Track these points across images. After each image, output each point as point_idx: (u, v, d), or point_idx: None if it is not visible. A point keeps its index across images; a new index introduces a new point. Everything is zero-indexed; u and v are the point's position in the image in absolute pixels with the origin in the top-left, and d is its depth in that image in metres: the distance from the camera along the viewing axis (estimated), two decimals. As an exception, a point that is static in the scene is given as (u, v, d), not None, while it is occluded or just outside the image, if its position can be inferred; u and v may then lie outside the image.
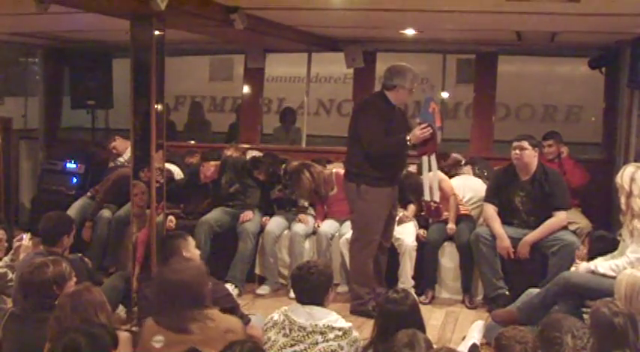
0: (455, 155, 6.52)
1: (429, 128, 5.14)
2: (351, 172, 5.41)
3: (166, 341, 3.23)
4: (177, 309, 3.26)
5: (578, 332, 2.80)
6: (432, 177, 5.40)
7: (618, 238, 4.54)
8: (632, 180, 4.35)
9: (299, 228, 6.09)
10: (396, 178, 5.41)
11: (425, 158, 5.38)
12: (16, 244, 4.82)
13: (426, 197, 5.44)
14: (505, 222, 5.55)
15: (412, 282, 5.74)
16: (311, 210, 6.33)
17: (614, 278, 3.93)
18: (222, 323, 3.27)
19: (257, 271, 6.19)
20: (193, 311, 3.25)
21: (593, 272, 4.38)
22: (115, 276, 5.06)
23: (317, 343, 3.30)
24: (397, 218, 5.73)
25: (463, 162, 5.87)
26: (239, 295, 5.75)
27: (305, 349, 3.31)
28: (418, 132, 5.13)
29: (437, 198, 5.44)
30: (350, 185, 5.38)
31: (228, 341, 2.88)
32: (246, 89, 8.29)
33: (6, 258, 4.77)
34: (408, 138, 5.13)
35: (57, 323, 3.10)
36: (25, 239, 4.78)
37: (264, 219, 6.24)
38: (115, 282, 4.87)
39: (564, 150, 6.39)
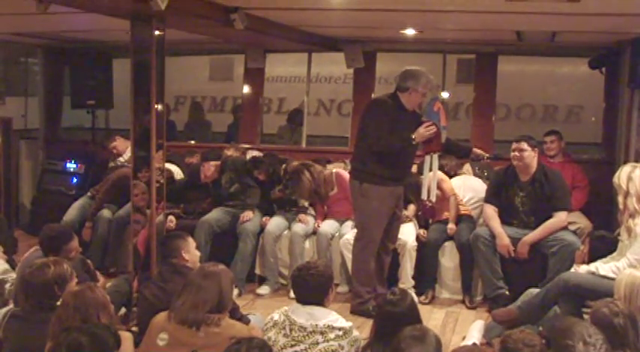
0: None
1: (434, 126, 5.16)
2: (355, 169, 5.42)
3: (170, 341, 3.24)
4: (198, 309, 3.29)
5: (590, 339, 2.73)
6: (432, 177, 5.41)
7: (618, 238, 4.54)
8: (629, 179, 4.37)
9: (299, 228, 6.09)
10: (401, 178, 5.41)
11: (427, 157, 5.40)
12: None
13: (423, 195, 5.46)
14: (505, 222, 5.55)
15: (412, 282, 5.75)
16: (311, 210, 6.33)
17: (614, 279, 3.93)
18: (228, 330, 3.28)
19: (257, 271, 6.19)
20: (209, 314, 3.27)
21: (593, 273, 4.38)
22: (120, 279, 5.03)
23: (317, 343, 3.30)
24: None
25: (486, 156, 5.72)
26: (239, 295, 5.75)
27: (305, 349, 3.31)
28: (422, 131, 5.14)
29: (433, 197, 5.45)
30: (354, 182, 5.39)
31: None
32: (246, 89, 8.29)
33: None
34: (413, 136, 5.13)
35: (59, 321, 3.10)
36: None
37: (264, 219, 6.24)
38: (121, 286, 4.85)
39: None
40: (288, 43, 6.85)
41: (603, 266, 4.38)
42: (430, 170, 5.41)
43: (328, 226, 6.10)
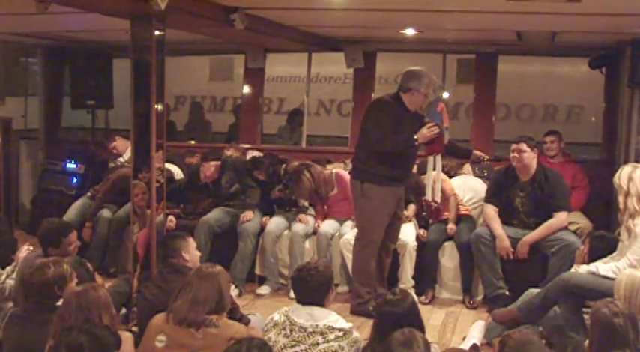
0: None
1: (437, 127, 5.16)
2: (356, 169, 5.41)
3: (168, 342, 3.24)
4: (197, 310, 3.29)
5: None
6: (436, 177, 5.41)
7: (618, 238, 4.54)
8: (630, 179, 4.36)
9: (299, 228, 6.09)
10: (402, 178, 5.40)
11: (430, 158, 5.40)
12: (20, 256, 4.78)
13: (428, 196, 5.46)
14: (505, 222, 5.54)
15: (412, 282, 5.75)
16: (311, 210, 6.33)
17: (614, 279, 3.93)
18: (227, 330, 3.28)
19: (257, 271, 6.18)
20: (208, 315, 3.27)
21: (593, 273, 4.38)
22: (120, 280, 5.03)
23: (317, 343, 3.30)
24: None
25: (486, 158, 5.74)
26: (239, 295, 5.75)
27: (305, 349, 3.31)
28: (425, 131, 5.14)
29: (438, 198, 5.45)
30: (355, 182, 5.38)
31: None
32: (246, 89, 8.30)
33: (9, 269, 4.74)
34: (416, 137, 5.13)
35: (61, 320, 3.11)
36: (23, 251, 4.73)
37: (264, 219, 6.23)
38: (121, 286, 4.85)
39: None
40: (288, 43, 6.85)
41: (603, 267, 4.38)
42: (434, 170, 5.41)
43: (328, 226, 6.10)
